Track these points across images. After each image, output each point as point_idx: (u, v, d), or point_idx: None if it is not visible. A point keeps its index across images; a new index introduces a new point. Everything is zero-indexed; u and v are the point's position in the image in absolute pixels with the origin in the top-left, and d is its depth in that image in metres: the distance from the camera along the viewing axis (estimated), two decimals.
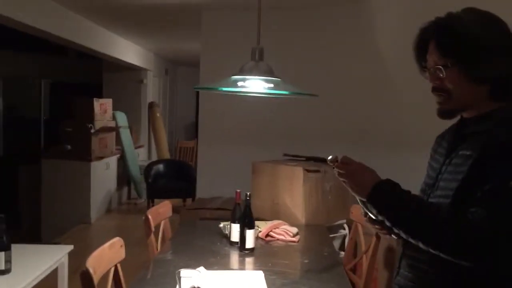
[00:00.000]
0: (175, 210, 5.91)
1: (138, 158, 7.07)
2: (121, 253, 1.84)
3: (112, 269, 1.79)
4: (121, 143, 6.42)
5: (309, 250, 2.40)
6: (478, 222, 1.01)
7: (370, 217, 1.22)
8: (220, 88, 1.95)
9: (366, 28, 3.83)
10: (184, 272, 1.70)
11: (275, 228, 2.51)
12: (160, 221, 2.50)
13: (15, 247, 2.51)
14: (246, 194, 2.24)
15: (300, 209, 2.82)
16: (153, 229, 2.30)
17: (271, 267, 2.02)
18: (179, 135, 9.41)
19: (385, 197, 1.13)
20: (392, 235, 1.23)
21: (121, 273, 1.82)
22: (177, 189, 6.03)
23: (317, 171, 2.87)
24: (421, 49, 1.18)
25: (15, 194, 6.08)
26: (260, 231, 2.49)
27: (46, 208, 5.48)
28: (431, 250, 1.06)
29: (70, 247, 2.58)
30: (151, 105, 7.65)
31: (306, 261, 2.18)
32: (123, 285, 1.82)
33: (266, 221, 2.66)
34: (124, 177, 6.60)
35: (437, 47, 1.13)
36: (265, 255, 2.23)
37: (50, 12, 4.23)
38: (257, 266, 2.08)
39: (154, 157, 7.72)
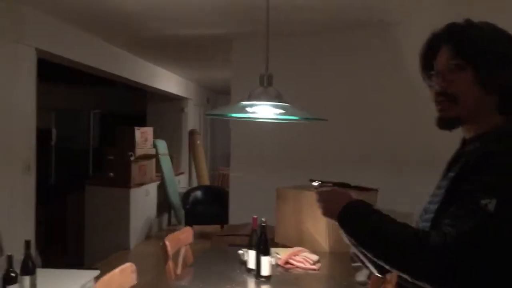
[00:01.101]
0: (207, 236, 5.97)
1: (179, 185, 7.22)
2: (132, 279, 1.87)
3: None
4: (161, 170, 6.59)
5: (328, 279, 2.33)
6: (439, 241, 0.93)
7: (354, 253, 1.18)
8: (229, 114, 1.98)
9: (391, 51, 3.79)
10: None
11: (295, 255, 2.46)
12: (180, 247, 2.53)
13: (44, 271, 2.62)
14: (262, 220, 2.22)
15: (323, 236, 2.75)
16: (170, 255, 2.32)
17: None
18: (220, 161, 9.54)
19: (352, 216, 1.08)
20: (370, 266, 1.18)
21: None
22: (215, 215, 6.07)
23: None
24: (429, 55, 1.13)
25: (64, 221, 6.36)
26: (279, 258, 2.45)
27: (89, 234, 5.67)
28: (399, 273, 1.00)
29: (96, 272, 2.64)
30: (191, 133, 7.84)
31: None
32: None
33: (289, 248, 2.62)
34: (164, 203, 6.74)
35: (453, 48, 1.06)
36: (281, 283, 2.19)
37: (99, 50, 4.53)
38: None
39: (195, 184, 7.85)
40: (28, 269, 2.21)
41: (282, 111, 1.95)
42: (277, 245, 3.02)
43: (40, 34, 3.57)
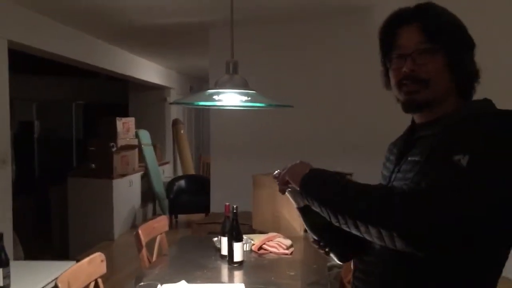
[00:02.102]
0: (187, 225, 5.97)
1: (163, 174, 7.21)
2: (101, 268, 1.89)
3: (92, 283, 1.83)
4: (144, 160, 6.57)
5: (299, 263, 2.36)
6: (406, 189, 0.94)
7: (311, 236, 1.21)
8: (195, 103, 1.98)
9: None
10: (165, 286, 1.72)
11: (269, 241, 2.50)
12: (155, 236, 2.54)
13: (20, 264, 2.62)
14: (233, 207, 2.24)
15: (298, 221, 2.78)
16: (143, 243, 2.33)
17: (255, 280, 2.01)
18: (205, 151, 9.53)
19: (318, 176, 1.07)
20: (331, 255, 1.21)
21: (101, 286, 1.86)
22: (199, 204, 6.08)
23: None
24: (390, 35, 1.09)
25: (47, 213, 6.33)
26: (253, 244, 2.48)
27: (72, 225, 5.66)
28: (360, 226, 0.96)
29: (72, 263, 2.65)
30: (175, 122, 7.81)
31: (292, 273, 2.15)
32: None
33: (264, 234, 2.65)
34: (149, 194, 6.74)
35: (424, 30, 1.03)
36: (253, 268, 2.22)
37: (74, 40, 4.49)
38: (242, 279, 2.07)
39: (180, 174, 7.84)
40: (1, 261, 2.21)
41: (248, 98, 1.96)
42: (254, 232, 3.06)
43: (12, 25, 3.52)
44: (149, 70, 6.80)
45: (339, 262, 1.30)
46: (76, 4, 3.61)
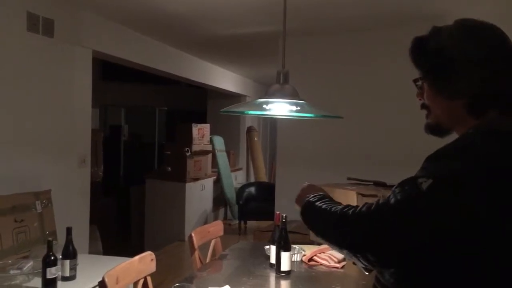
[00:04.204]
0: (251, 231, 5.98)
1: (236, 180, 7.37)
2: (151, 266, 1.98)
3: (141, 280, 1.93)
4: (217, 166, 6.77)
5: (348, 278, 2.29)
6: (359, 210, 1.01)
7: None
8: (246, 112, 2.02)
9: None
10: None
11: (320, 253, 2.46)
12: (210, 240, 2.62)
13: (88, 257, 2.83)
14: (283, 216, 2.25)
15: None
16: (196, 246, 2.41)
17: None
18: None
19: (309, 209, 1.21)
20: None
21: (150, 285, 1.95)
22: (267, 211, 6.12)
23: (374, 195, 2.74)
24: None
25: (128, 211, 6.77)
26: (304, 255, 2.46)
27: (148, 224, 6.00)
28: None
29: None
30: (249, 130, 7.96)
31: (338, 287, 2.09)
32: None
33: (317, 246, 2.61)
34: (220, 198, 6.93)
35: (414, 65, 1.11)
36: (300, 279, 2.20)
37: (153, 50, 4.81)
38: None
39: (252, 180, 7.97)
40: (69, 253, 2.41)
41: (297, 108, 1.96)
42: (312, 243, 3.02)
43: (97, 36, 3.84)
44: (226, 79, 7.03)
45: (365, 272, 1.29)
46: (152, 15, 3.85)
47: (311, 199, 1.21)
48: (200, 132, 6.39)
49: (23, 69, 3.12)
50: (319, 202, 1.17)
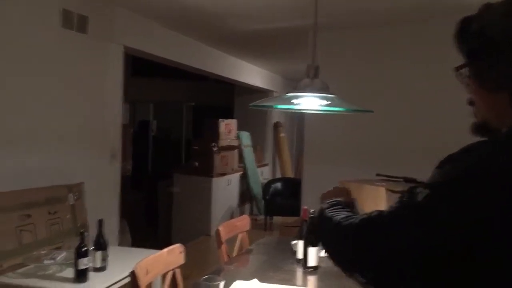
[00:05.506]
0: (277, 227, 5.98)
1: (262, 176, 7.38)
2: (180, 259, 2.01)
3: (170, 272, 1.96)
4: (243, 161, 6.80)
5: None
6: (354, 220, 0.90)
7: None
8: (275, 106, 2.02)
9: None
10: (237, 282, 1.78)
11: None
12: (236, 234, 2.63)
13: (118, 249, 2.89)
14: (310, 212, 2.24)
15: None
16: (223, 240, 2.43)
17: (327, 287, 1.98)
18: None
19: (321, 218, 1.07)
20: None
21: (178, 276, 1.98)
22: (293, 206, 6.11)
23: (404, 192, 2.70)
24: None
25: (155, 205, 6.88)
26: None
27: (175, 218, 6.08)
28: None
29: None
30: (276, 125, 7.95)
31: None
32: (180, 287, 1.98)
33: None
34: (247, 194, 6.95)
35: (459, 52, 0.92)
36: (327, 274, 2.19)
37: (183, 46, 4.85)
38: (314, 284, 2.06)
39: (279, 175, 7.96)
40: (100, 245, 2.47)
41: (327, 102, 1.94)
42: None
43: (128, 32, 3.90)
44: (254, 74, 7.04)
45: None
46: (181, 11, 3.88)
47: (323, 206, 1.08)
48: (227, 128, 6.42)
49: (58, 65, 3.21)
50: (329, 210, 1.04)
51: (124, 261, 2.60)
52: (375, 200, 2.76)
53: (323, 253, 2.40)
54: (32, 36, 2.99)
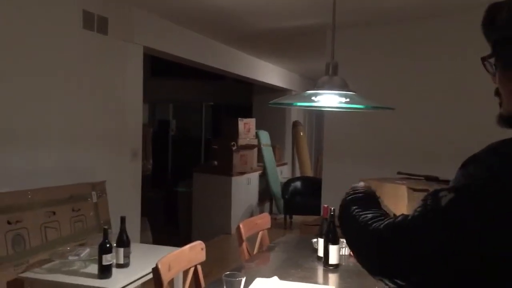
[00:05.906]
0: (297, 226, 5.94)
1: (281, 175, 7.38)
2: (201, 255, 2.03)
3: (192, 269, 1.98)
4: (263, 160, 6.81)
5: None
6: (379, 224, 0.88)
7: None
8: (294, 104, 2.02)
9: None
10: (258, 279, 1.79)
11: None
12: (257, 232, 2.64)
13: (140, 246, 2.93)
14: (331, 209, 2.23)
15: None
16: (244, 237, 2.44)
17: (347, 285, 1.97)
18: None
19: (344, 210, 1.05)
20: None
21: (200, 273, 2.00)
22: (313, 205, 6.09)
23: (425, 190, 2.66)
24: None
25: (175, 204, 6.95)
26: None
27: (196, 216, 6.13)
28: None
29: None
30: (295, 124, 7.94)
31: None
32: (202, 283, 2.00)
33: None
34: (266, 192, 6.96)
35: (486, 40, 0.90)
36: (348, 272, 2.18)
37: (201, 45, 4.89)
38: (334, 282, 2.06)
39: (298, 175, 7.95)
40: (123, 242, 2.51)
41: (346, 99, 1.94)
42: None
43: (148, 32, 3.95)
44: (272, 73, 7.04)
45: None
46: (205, 12, 3.91)
47: (347, 198, 1.05)
48: (246, 127, 6.43)
49: (79, 65, 3.27)
50: (354, 204, 1.00)
51: (147, 257, 2.64)
52: (396, 198, 2.73)
53: (344, 251, 2.40)
54: (55, 37, 3.05)
